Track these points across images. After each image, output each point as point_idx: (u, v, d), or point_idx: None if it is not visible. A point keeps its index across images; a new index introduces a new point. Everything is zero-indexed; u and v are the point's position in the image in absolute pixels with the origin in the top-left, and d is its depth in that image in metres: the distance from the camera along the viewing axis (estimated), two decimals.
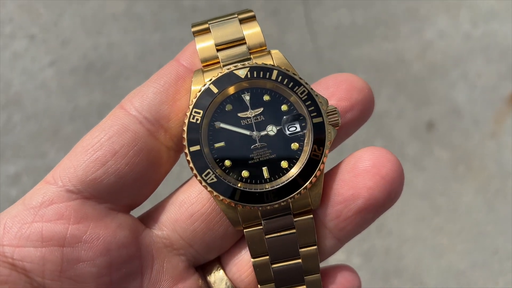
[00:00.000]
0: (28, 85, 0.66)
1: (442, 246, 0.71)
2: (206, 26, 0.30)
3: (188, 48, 0.31)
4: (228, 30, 0.30)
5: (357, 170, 0.29)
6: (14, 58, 0.68)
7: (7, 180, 0.62)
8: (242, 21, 0.31)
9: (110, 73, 0.69)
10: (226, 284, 0.32)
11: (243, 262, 0.31)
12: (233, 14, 0.31)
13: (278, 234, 0.30)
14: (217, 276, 0.32)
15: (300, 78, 0.29)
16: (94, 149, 0.28)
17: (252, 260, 0.30)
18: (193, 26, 0.31)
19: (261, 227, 0.29)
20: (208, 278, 0.32)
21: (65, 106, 0.66)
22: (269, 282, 0.31)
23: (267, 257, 0.30)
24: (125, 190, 0.29)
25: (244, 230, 0.30)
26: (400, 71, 0.79)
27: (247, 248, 0.31)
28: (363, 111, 0.31)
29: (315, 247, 0.30)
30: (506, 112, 0.79)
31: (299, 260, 0.30)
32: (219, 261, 0.32)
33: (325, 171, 0.30)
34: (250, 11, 0.31)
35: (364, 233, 0.71)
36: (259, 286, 0.31)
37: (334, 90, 0.30)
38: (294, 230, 0.30)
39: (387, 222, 0.70)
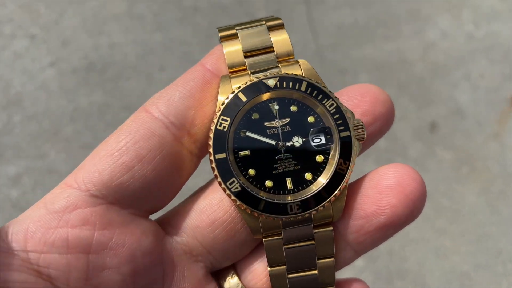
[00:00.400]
0: (29, 85, 0.66)
1: (445, 248, 0.70)
2: (233, 31, 0.30)
3: (214, 53, 0.30)
4: (257, 37, 0.30)
5: (381, 186, 0.29)
6: (14, 58, 0.67)
7: (8, 181, 0.61)
8: (270, 29, 0.30)
9: (110, 74, 0.69)
10: None
11: (259, 270, 0.31)
12: (261, 20, 0.31)
13: (297, 244, 0.29)
14: (232, 283, 0.32)
15: (329, 91, 0.29)
16: (120, 153, 0.28)
17: (269, 269, 0.30)
18: (220, 31, 0.30)
19: (281, 237, 0.29)
20: (223, 284, 0.31)
21: (66, 107, 0.66)
22: None
23: (284, 266, 0.30)
24: (149, 196, 0.29)
25: (264, 240, 0.29)
26: (402, 71, 0.79)
27: (264, 257, 0.30)
28: (385, 124, 0.31)
29: (332, 259, 0.30)
30: (509, 113, 0.79)
31: (316, 272, 0.30)
32: (234, 268, 0.32)
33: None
34: (279, 18, 0.30)
35: None
36: None
37: (358, 102, 0.30)
38: (313, 242, 0.29)
39: None
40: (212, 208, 0.30)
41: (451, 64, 0.81)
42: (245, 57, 0.29)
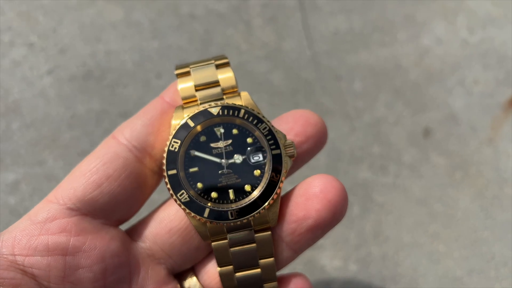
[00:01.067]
0: (27, 93, 0.67)
1: (439, 253, 0.71)
2: (187, 69, 0.36)
3: (171, 87, 0.37)
4: (206, 74, 0.36)
5: (308, 194, 0.35)
6: (13, 66, 0.68)
7: (6, 188, 0.62)
8: (218, 67, 0.36)
9: (108, 81, 0.70)
10: None
11: (212, 270, 0.37)
12: (210, 60, 0.37)
13: (241, 247, 0.35)
14: (191, 283, 0.37)
15: (263, 116, 0.34)
16: (91, 173, 0.34)
17: (219, 269, 0.36)
18: (177, 68, 0.37)
19: (226, 240, 0.35)
20: (184, 284, 0.38)
21: (64, 114, 0.67)
22: None
23: (231, 266, 0.36)
24: (117, 208, 0.35)
25: (212, 243, 0.35)
26: (397, 77, 0.80)
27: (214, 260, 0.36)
28: (317, 143, 0.37)
29: (272, 258, 0.36)
30: (503, 118, 0.79)
31: (259, 270, 0.36)
32: (192, 270, 0.38)
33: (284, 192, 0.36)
34: (225, 58, 0.37)
35: (360, 240, 0.72)
36: None
37: (292, 125, 0.36)
38: (254, 244, 0.35)
39: (384, 229, 0.71)
40: (169, 218, 0.36)
41: (446, 69, 0.81)
42: (196, 90, 0.36)
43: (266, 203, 0.34)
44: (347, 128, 0.75)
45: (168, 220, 0.36)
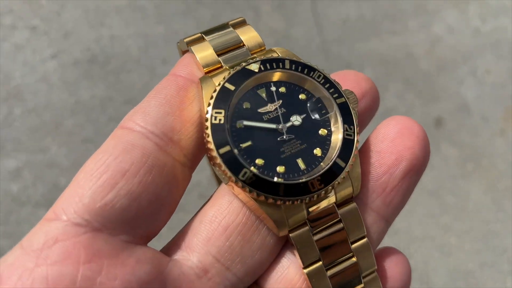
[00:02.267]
0: (29, 78, 0.65)
1: (451, 245, 0.69)
2: (199, 35, 0.29)
3: (182, 60, 0.29)
4: (225, 37, 0.29)
5: (390, 136, 0.28)
6: (15, 50, 0.66)
7: (8, 175, 0.60)
8: (235, 27, 0.30)
9: (112, 66, 0.68)
10: None
11: (289, 276, 0.28)
12: (225, 23, 0.30)
13: (326, 231, 0.27)
14: None
15: (314, 65, 0.29)
16: (100, 172, 0.25)
17: (305, 270, 0.27)
18: (185, 38, 0.29)
19: (307, 227, 0.27)
20: None
21: (67, 100, 0.65)
22: None
23: (320, 263, 0.27)
24: (140, 215, 0.25)
25: (290, 234, 0.27)
26: (408, 66, 0.78)
27: (289, 260, 0.28)
28: (373, 100, 0.31)
29: (365, 239, 0.28)
30: None
31: (354, 259, 0.28)
32: (257, 287, 0.28)
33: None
34: (241, 17, 0.30)
35: None
36: None
37: (342, 82, 0.29)
38: (341, 224, 0.27)
39: (395, 221, 0.69)
40: (222, 214, 0.27)
41: (457, 59, 0.80)
42: (218, 55, 0.28)
43: (349, 163, 0.27)
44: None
45: (221, 217, 0.26)
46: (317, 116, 0.28)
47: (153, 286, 0.25)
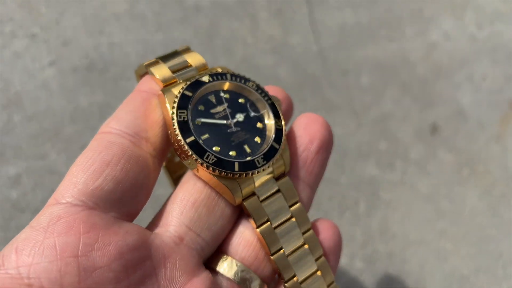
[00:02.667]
0: (29, 85, 0.66)
1: (446, 250, 0.70)
2: (155, 60, 0.37)
3: (143, 80, 0.36)
4: (175, 60, 0.37)
5: (304, 125, 0.38)
6: (14, 57, 0.67)
7: (8, 181, 0.61)
8: (182, 53, 0.38)
9: (111, 73, 0.68)
10: (236, 265, 0.34)
11: (246, 236, 0.36)
12: (174, 51, 0.38)
13: (270, 199, 0.36)
14: (225, 265, 0.35)
15: (248, 77, 0.37)
16: (89, 164, 0.31)
17: (257, 229, 0.35)
18: (144, 63, 0.37)
19: (255, 196, 0.35)
20: (218, 269, 0.35)
21: (66, 107, 0.65)
22: (277, 245, 0.35)
23: (269, 223, 0.35)
24: (124, 196, 0.32)
25: (244, 202, 0.35)
26: (405, 72, 0.79)
27: (244, 225, 0.36)
28: (288, 105, 0.41)
29: (299, 203, 0.37)
30: (511, 114, 0.78)
31: (293, 219, 0.36)
32: (222, 253, 0.36)
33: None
34: (186, 46, 0.38)
35: (367, 237, 0.71)
36: (271, 256, 0.35)
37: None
38: (280, 193, 0.36)
39: (391, 226, 0.70)
40: (190, 193, 0.34)
41: (453, 65, 0.80)
42: (173, 73, 0.36)
43: (282, 144, 0.36)
44: (353, 124, 0.74)
45: (189, 195, 0.34)
46: (254, 113, 0.37)
47: (140, 251, 0.31)
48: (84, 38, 0.69)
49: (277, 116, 0.37)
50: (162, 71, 0.35)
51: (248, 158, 0.35)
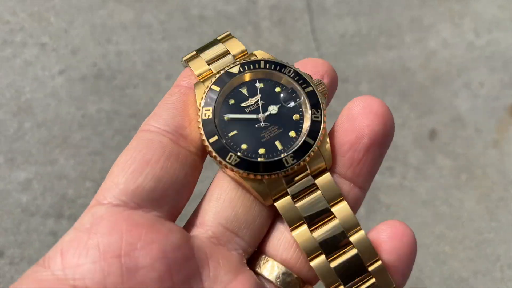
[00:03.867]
0: (39, 93, 0.68)
1: (445, 254, 0.71)
2: (194, 53, 0.35)
3: (183, 74, 0.35)
4: (213, 49, 0.35)
5: (352, 116, 0.33)
6: (25, 66, 0.69)
7: (18, 186, 0.63)
8: (222, 41, 0.35)
9: (118, 81, 0.70)
10: (277, 268, 0.33)
11: (286, 238, 0.33)
12: (214, 39, 0.36)
13: (306, 198, 0.32)
14: (267, 266, 0.33)
15: (286, 62, 0.34)
16: (129, 164, 0.31)
17: (292, 233, 0.32)
18: (184, 57, 0.36)
19: (289, 196, 0.32)
20: (259, 271, 0.33)
21: (75, 114, 0.67)
22: (315, 250, 0.32)
23: (305, 225, 0.32)
24: (165, 194, 0.31)
25: (275, 203, 0.32)
26: (404, 80, 0.80)
27: (283, 226, 0.33)
28: (332, 79, 0.36)
29: (344, 202, 0.32)
30: (508, 121, 0.80)
31: (337, 220, 0.32)
32: (263, 254, 0.34)
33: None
34: (226, 32, 0.36)
35: None
36: (309, 261, 0.32)
37: (303, 68, 0.35)
38: (319, 191, 0.32)
39: None
40: (225, 191, 0.33)
41: (452, 72, 0.82)
42: (209, 65, 0.34)
43: (317, 140, 0.32)
44: None
45: (225, 194, 0.33)
46: (290, 104, 0.34)
47: (183, 250, 0.30)
48: (92, 47, 0.71)
49: (316, 106, 0.33)
50: (198, 63, 0.34)
51: (276, 158, 0.32)
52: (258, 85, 0.34)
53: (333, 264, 0.32)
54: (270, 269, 0.33)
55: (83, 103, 0.68)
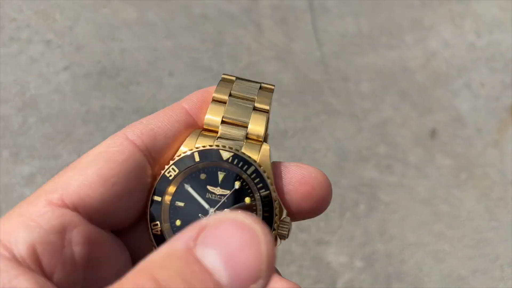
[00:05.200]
0: (43, 89, 0.69)
1: (444, 252, 0.72)
2: (226, 97, 0.32)
3: (196, 97, 0.32)
4: (239, 111, 0.32)
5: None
6: (30, 62, 0.70)
7: (22, 180, 0.64)
8: (255, 109, 0.32)
9: (122, 78, 0.71)
10: None
11: None
12: (253, 97, 0.32)
13: None
14: None
15: (271, 183, 0.31)
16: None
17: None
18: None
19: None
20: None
21: (78, 110, 0.68)
22: None
23: None
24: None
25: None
26: (404, 79, 0.81)
27: None
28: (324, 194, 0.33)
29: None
30: (508, 121, 0.80)
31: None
32: None
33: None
34: (267, 103, 0.32)
35: (366, 237, 0.73)
36: None
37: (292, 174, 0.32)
38: None
39: (389, 228, 0.72)
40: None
41: (452, 72, 0.83)
42: (222, 122, 0.31)
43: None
44: (354, 128, 0.76)
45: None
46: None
47: None
48: (96, 44, 0.72)
49: (267, 220, 0.30)
50: (213, 118, 0.31)
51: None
52: (237, 183, 0.31)
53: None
54: None
55: (87, 99, 0.69)
